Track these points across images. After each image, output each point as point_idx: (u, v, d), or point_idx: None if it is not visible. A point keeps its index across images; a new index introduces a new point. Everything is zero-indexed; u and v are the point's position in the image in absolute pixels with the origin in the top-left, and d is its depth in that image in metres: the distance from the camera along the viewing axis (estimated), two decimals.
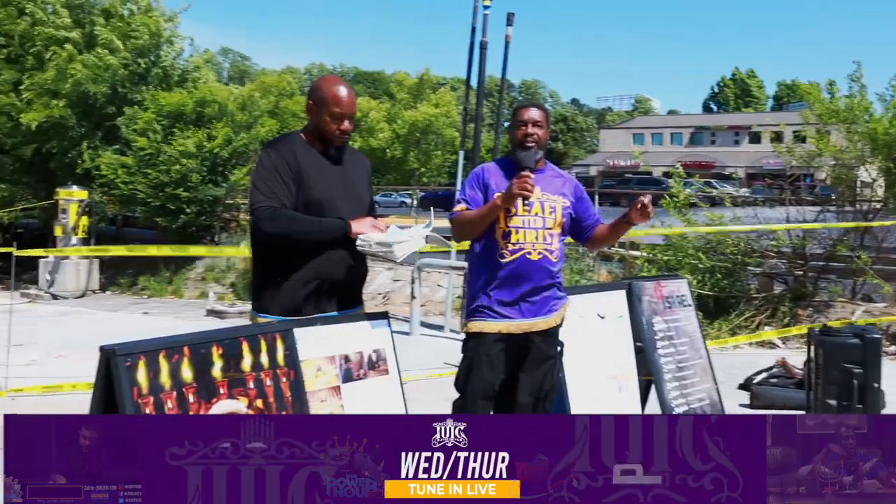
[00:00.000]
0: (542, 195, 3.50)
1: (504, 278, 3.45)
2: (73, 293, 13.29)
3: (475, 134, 9.83)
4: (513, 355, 3.48)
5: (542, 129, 3.56)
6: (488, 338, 3.45)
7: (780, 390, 6.38)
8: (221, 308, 11.37)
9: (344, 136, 3.22)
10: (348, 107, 3.19)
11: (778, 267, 10.14)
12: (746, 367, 7.17)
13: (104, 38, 13.98)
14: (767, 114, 56.21)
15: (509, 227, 3.45)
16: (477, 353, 3.46)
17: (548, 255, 3.48)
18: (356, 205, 3.26)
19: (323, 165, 3.20)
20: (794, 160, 10.26)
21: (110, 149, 14.03)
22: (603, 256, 11.42)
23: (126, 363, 2.25)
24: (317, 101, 3.20)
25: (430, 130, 30.98)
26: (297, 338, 2.83)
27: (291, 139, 3.27)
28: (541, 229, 3.47)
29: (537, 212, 3.48)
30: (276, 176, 3.10)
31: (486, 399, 3.48)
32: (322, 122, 3.18)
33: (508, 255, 3.45)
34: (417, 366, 6.18)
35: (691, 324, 4.79)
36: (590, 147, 75.99)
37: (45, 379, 6.96)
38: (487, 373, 3.44)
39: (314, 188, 3.13)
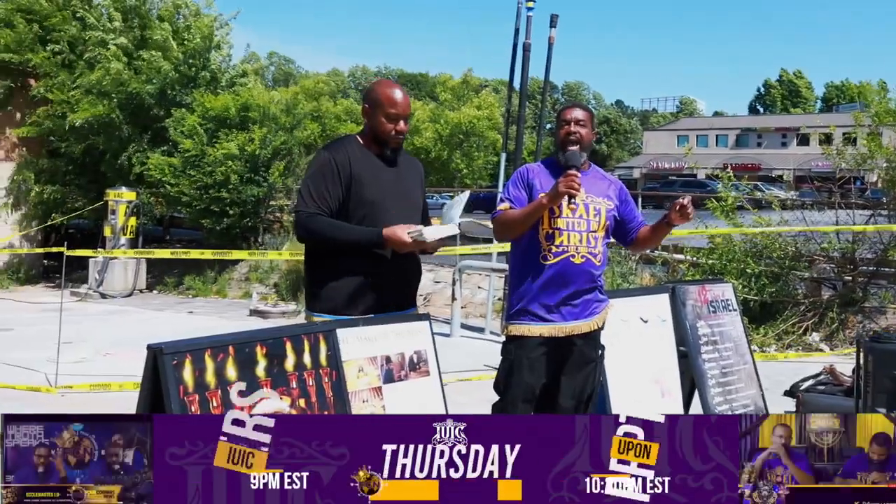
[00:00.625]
0: (586, 197, 3.46)
1: (547, 281, 3.41)
2: (121, 292, 13.56)
3: (517, 136, 9.80)
4: (554, 359, 3.44)
5: (585, 128, 3.53)
6: (530, 341, 3.42)
7: (828, 398, 6.24)
8: (265, 308, 11.50)
9: (399, 136, 3.27)
10: (403, 108, 3.26)
11: (826, 272, 9.94)
12: (793, 374, 7.03)
13: (158, 39, 14.20)
14: (816, 115, 55.09)
15: (553, 229, 3.41)
16: (518, 357, 3.43)
17: (591, 259, 3.44)
18: (408, 207, 3.31)
19: (376, 167, 3.25)
20: (843, 162, 10.04)
21: (158, 150, 14.28)
22: (646, 260, 11.30)
23: (173, 361, 2.29)
24: (372, 104, 3.27)
25: (473, 133, 30.94)
26: (339, 338, 2.85)
27: (347, 141, 3.33)
28: (585, 232, 3.43)
29: (582, 214, 3.44)
30: (323, 178, 3.16)
31: (526, 402, 3.45)
32: (377, 123, 3.24)
33: (552, 257, 3.41)
34: (457, 368, 6.18)
35: (736, 329, 4.72)
36: (633, 149, 75.33)
37: (93, 377, 7.12)
38: (528, 376, 3.41)
39: (366, 190, 3.18)
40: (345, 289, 3.16)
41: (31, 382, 7.07)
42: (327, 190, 3.15)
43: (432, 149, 31.49)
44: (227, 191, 13.40)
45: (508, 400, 3.45)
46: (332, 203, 3.15)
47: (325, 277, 3.20)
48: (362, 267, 3.17)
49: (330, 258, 3.17)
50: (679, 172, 51.21)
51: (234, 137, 13.44)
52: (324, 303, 3.18)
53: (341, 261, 3.16)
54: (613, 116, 79.79)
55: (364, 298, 3.17)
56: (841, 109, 51.30)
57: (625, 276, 10.60)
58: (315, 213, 3.13)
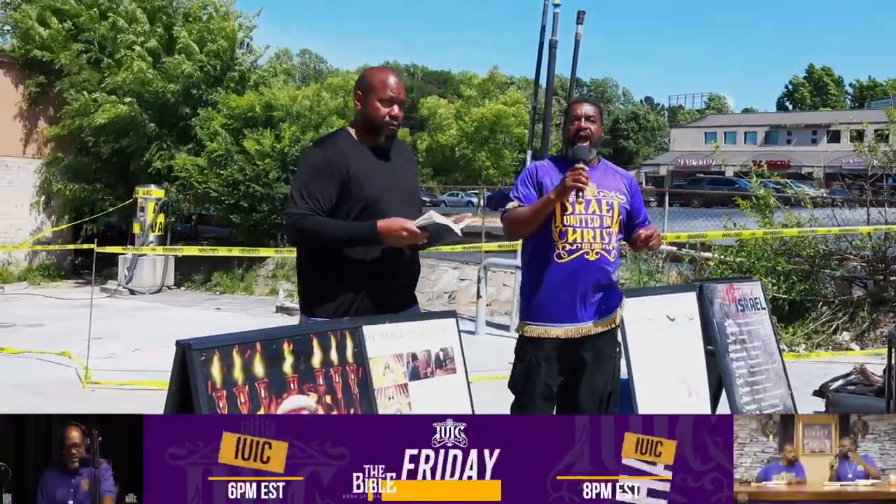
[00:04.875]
0: (598, 192, 3.41)
1: (561, 280, 3.37)
2: (150, 289, 13.72)
3: (543, 133, 9.76)
4: (572, 358, 3.42)
5: (595, 124, 3.46)
6: (546, 342, 3.40)
7: (858, 398, 6.14)
8: (291, 305, 11.57)
9: (393, 122, 3.13)
10: (397, 90, 3.11)
11: (857, 271, 9.80)
12: (822, 374, 6.95)
13: (182, 42, 14.35)
14: (847, 112, 54.33)
15: (566, 226, 3.35)
16: (534, 357, 3.41)
17: (605, 256, 3.39)
18: (405, 200, 3.19)
19: (371, 161, 3.13)
20: (875, 159, 9.89)
21: (184, 149, 14.42)
22: (673, 258, 11.23)
23: (201, 357, 2.30)
24: (364, 89, 3.14)
25: (499, 129, 30.85)
26: (365, 335, 2.86)
27: (339, 136, 3.21)
28: (598, 228, 3.38)
29: (595, 209, 3.38)
30: (314, 177, 3.05)
31: (546, 400, 3.43)
32: (371, 108, 3.10)
33: (566, 255, 3.36)
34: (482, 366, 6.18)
35: (765, 328, 4.66)
36: (660, 146, 74.76)
37: (122, 372, 7.21)
38: (546, 376, 3.40)
39: (364, 187, 3.07)
40: (343, 290, 3.06)
41: (61, 377, 7.18)
42: (319, 190, 3.03)
43: (457, 146, 31.48)
44: (261, 185, 13.51)
45: (528, 399, 3.43)
46: (325, 203, 3.03)
47: (321, 280, 3.09)
48: (359, 267, 3.07)
49: (325, 260, 3.06)
50: (707, 170, 50.69)
51: (266, 135, 13.56)
52: (321, 307, 3.07)
53: (337, 261, 3.05)
54: (641, 113, 79.18)
55: (363, 299, 3.08)
56: (874, 105, 50.49)
57: (651, 275, 10.53)
58: (306, 214, 3.01)
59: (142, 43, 14.28)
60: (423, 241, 3.06)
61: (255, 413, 2.39)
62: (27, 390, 6.72)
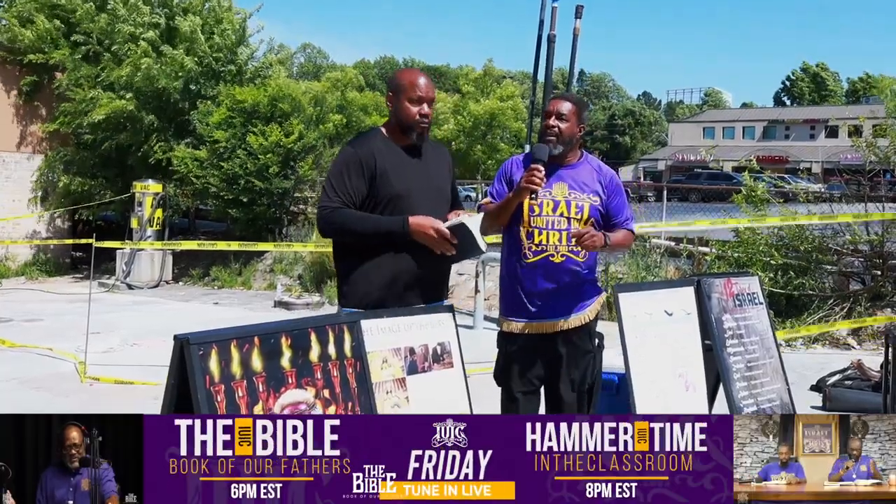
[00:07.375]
0: (569, 193, 3.43)
1: (529, 278, 3.44)
2: (148, 283, 13.70)
3: None
4: (546, 352, 3.50)
5: (567, 122, 3.45)
6: (519, 337, 3.48)
7: (855, 393, 6.17)
8: (289, 299, 11.57)
9: (424, 120, 3.23)
10: (426, 90, 3.23)
11: (855, 265, 9.80)
12: (819, 369, 6.97)
13: (185, 31, 14.22)
14: (846, 107, 54.30)
15: (532, 227, 3.41)
16: (513, 351, 3.51)
17: (573, 257, 3.43)
18: (436, 198, 3.29)
19: (402, 159, 3.24)
20: (873, 155, 9.89)
21: (182, 143, 14.37)
22: (671, 252, 11.24)
23: (199, 352, 2.30)
24: (395, 90, 3.26)
25: (496, 124, 30.83)
26: (363, 329, 2.86)
27: (372, 134, 3.33)
28: (565, 230, 3.40)
29: (563, 211, 3.41)
30: (346, 173, 3.16)
31: (528, 394, 3.53)
32: (402, 108, 3.22)
33: (531, 255, 3.42)
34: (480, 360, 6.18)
35: (762, 322, 4.67)
36: (658, 141, 74.73)
37: (121, 367, 7.20)
38: (523, 369, 3.48)
39: (392, 183, 3.17)
40: (374, 283, 3.17)
41: (59, 372, 7.17)
42: (351, 184, 3.15)
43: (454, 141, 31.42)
44: (262, 179, 13.47)
45: (510, 392, 3.54)
46: (356, 197, 3.15)
47: (353, 273, 3.20)
48: (391, 260, 3.17)
49: (357, 253, 3.18)
50: (705, 165, 50.70)
51: (271, 130, 13.50)
52: (353, 298, 3.19)
53: (369, 254, 3.16)
54: (638, 108, 79.11)
55: (394, 292, 3.17)
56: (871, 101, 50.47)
57: (649, 269, 10.53)
58: (338, 208, 3.14)
59: (140, 34, 14.18)
60: (450, 251, 3.17)
61: (253, 407, 2.39)
62: (25, 385, 6.72)
